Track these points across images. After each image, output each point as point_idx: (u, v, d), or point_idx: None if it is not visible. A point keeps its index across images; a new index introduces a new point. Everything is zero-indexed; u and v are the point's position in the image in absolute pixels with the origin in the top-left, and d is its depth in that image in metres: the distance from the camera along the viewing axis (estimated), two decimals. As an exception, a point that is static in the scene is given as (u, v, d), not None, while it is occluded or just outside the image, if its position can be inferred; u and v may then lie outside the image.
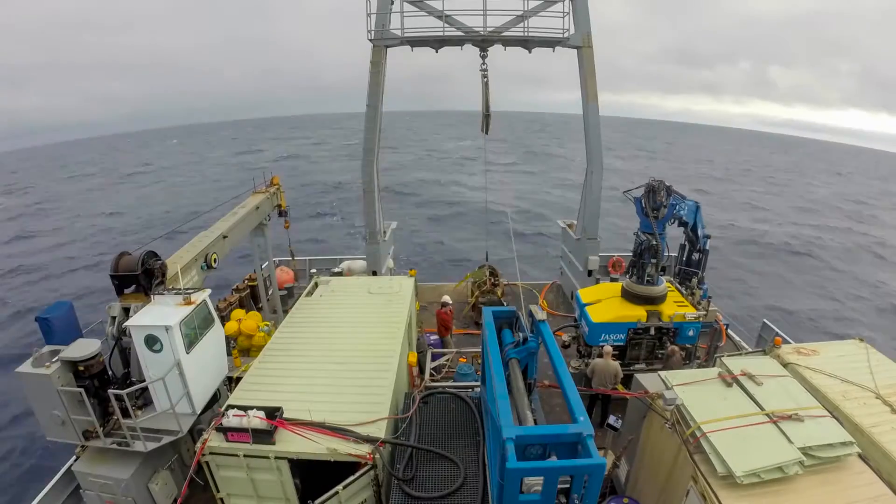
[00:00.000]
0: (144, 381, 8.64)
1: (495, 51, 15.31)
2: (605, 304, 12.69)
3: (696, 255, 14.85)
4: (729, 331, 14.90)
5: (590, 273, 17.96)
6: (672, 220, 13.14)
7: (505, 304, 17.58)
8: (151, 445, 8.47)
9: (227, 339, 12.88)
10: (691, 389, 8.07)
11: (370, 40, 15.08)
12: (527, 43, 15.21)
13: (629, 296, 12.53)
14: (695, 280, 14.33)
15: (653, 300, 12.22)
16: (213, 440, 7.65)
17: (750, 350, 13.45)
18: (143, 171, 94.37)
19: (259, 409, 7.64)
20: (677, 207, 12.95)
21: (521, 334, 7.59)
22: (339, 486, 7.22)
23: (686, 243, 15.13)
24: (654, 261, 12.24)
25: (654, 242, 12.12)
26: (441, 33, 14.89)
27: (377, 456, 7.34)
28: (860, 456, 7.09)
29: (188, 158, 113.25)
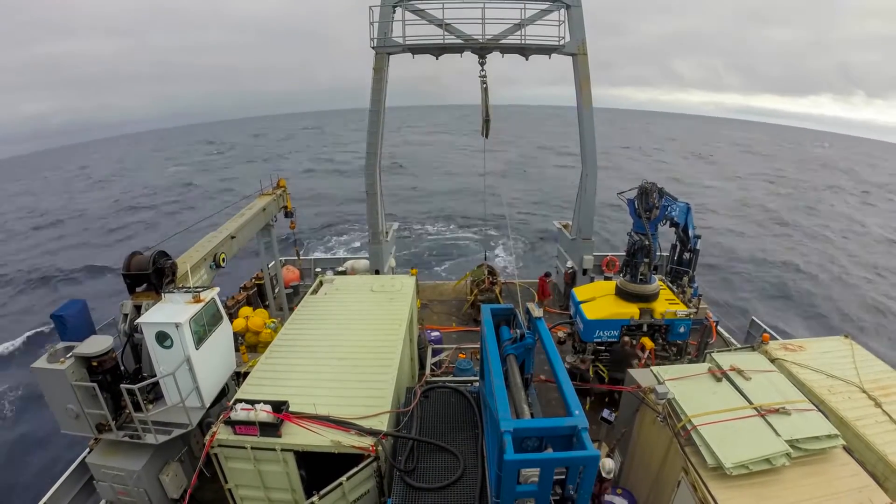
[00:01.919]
0: (155, 376, 8.64)
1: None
2: (599, 301, 12.69)
3: (686, 255, 14.84)
4: (719, 328, 14.89)
5: (585, 272, 17.97)
6: (664, 221, 13.15)
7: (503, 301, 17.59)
8: (162, 438, 8.47)
9: (235, 335, 12.90)
10: (682, 384, 8.07)
11: (373, 48, 15.09)
12: (524, 50, 15.22)
13: (623, 294, 12.52)
14: (686, 279, 14.32)
15: (646, 298, 12.22)
16: (222, 433, 7.65)
17: (739, 346, 13.46)
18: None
19: (266, 402, 7.64)
20: (669, 209, 12.96)
21: (518, 331, 7.60)
22: (343, 478, 7.22)
23: (677, 243, 15.13)
24: (646, 260, 12.24)
25: (647, 242, 12.13)
26: (441, 41, 14.90)
27: (379, 448, 7.34)
28: (845, 448, 7.10)
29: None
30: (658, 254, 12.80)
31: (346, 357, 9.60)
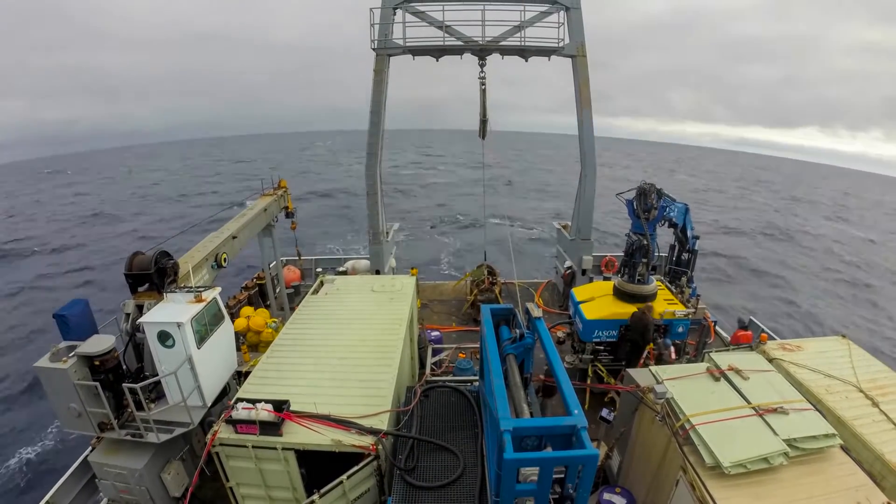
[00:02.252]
0: (157, 375, 8.65)
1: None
2: (598, 301, 12.69)
3: (685, 256, 14.84)
4: (717, 327, 14.91)
5: (584, 272, 17.97)
6: (662, 222, 13.15)
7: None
8: (164, 437, 8.46)
9: (237, 335, 12.88)
10: (681, 383, 8.06)
11: (373, 49, 15.09)
12: (523, 52, 15.24)
13: (621, 294, 12.52)
14: (684, 279, 14.32)
15: (643, 298, 12.22)
16: (223, 432, 7.64)
17: (737, 346, 13.45)
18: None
19: (267, 402, 7.63)
20: (667, 210, 12.95)
21: (517, 331, 7.59)
22: (344, 476, 7.21)
23: (676, 244, 15.13)
24: (644, 260, 12.24)
25: (645, 242, 12.12)
26: (441, 42, 14.91)
27: (380, 447, 7.33)
28: (842, 447, 7.09)
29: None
30: (657, 254, 12.80)
31: (347, 356, 9.59)
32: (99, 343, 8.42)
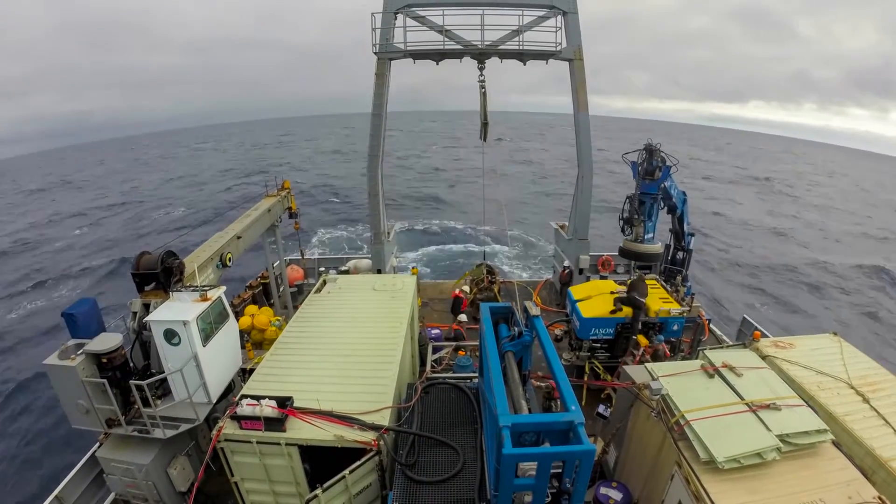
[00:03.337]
0: (164, 372, 8.66)
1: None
2: (595, 300, 12.70)
3: (680, 255, 14.87)
4: (711, 325, 14.92)
5: (581, 271, 17.97)
6: (662, 206, 13.10)
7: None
8: (170, 433, 8.48)
9: (241, 333, 12.87)
10: (676, 380, 8.07)
11: (375, 53, 15.09)
12: (522, 56, 15.24)
13: (627, 254, 12.64)
14: (679, 278, 14.35)
15: (650, 258, 12.20)
16: (228, 428, 7.66)
17: (731, 343, 13.46)
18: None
19: (271, 398, 7.64)
20: (670, 186, 12.90)
21: (516, 329, 7.59)
22: (346, 471, 7.23)
23: (672, 242, 15.15)
24: (640, 217, 12.20)
25: (637, 192, 12.11)
26: (441, 47, 14.91)
27: (381, 442, 7.35)
28: (834, 443, 7.10)
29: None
30: (657, 216, 12.73)
31: (349, 354, 9.60)
32: (106, 341, 8.43)
